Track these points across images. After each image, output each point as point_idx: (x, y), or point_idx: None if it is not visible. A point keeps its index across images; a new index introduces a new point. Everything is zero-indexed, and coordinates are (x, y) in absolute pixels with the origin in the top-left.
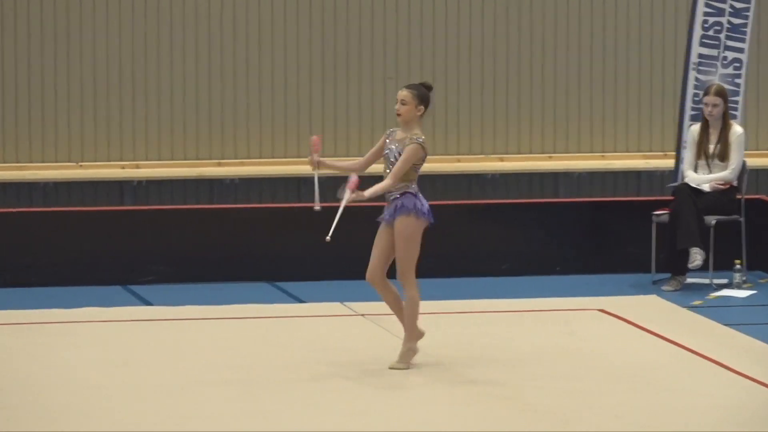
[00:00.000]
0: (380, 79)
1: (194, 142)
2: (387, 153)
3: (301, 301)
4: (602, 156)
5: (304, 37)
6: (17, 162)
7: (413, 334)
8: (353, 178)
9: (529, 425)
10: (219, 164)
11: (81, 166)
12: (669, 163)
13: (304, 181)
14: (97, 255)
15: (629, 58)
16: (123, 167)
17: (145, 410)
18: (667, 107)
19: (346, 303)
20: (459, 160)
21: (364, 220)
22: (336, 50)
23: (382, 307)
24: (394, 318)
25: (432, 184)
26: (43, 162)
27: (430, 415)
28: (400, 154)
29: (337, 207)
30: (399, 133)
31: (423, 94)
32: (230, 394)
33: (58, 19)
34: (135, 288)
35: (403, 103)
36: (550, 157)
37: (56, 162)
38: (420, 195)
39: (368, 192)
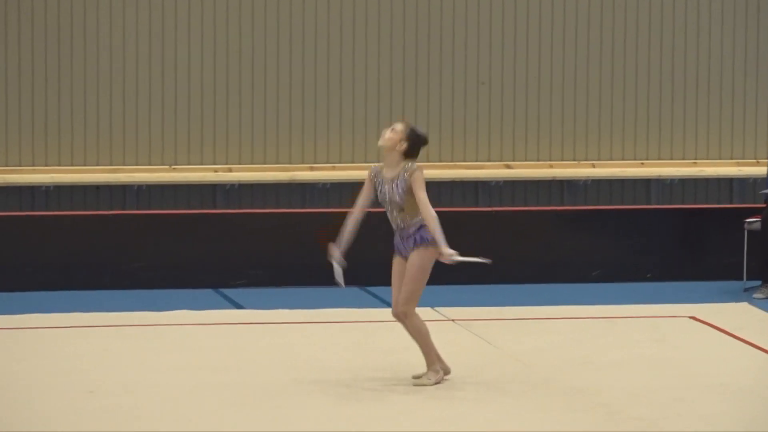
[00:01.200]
0: (474, 83)
1: (287, 145)
2: (385, 195)
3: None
4: (694, 163)
5: (397, 43)
6: (111, 165)
7: (432, 358)
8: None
9: None
10: (311, 168)
11: (174, 169)
12: (761, 170)
13: None
14: (189, 258)
15: (723, 66)
16: (216, 170)
17: (240, 414)
18: (760, 115)
19: (437, 308)
20: (551, 166)
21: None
22: (429, 55)
23: (473, 312)
24: (486, 323)
25: (524, 189)
26: (136, 165)
27: (525, 422)
28: (402, 191)
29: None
30: (387, 172)
31: (414, 135)
32: (322, 398)
33: (153, 23)
34: (227, 291)
35: (393, 131)
36: (643, 163)
37: (150, 165)
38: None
39: (444, 248)
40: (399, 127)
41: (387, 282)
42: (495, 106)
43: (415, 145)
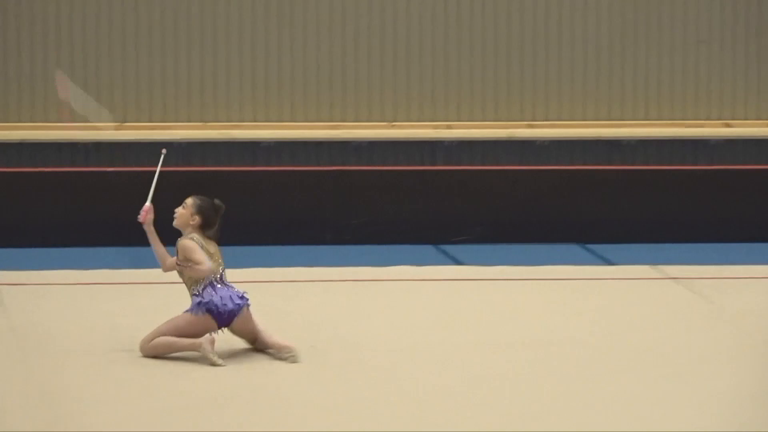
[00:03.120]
0: (693, 43)
1: (505, 102)
2: None
3: (610, 263)
4: None
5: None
6: (332, 121)
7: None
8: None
9: None
10: (529, 126)
11: (394, 125)
12: None
13: (617, 145)
14: (410, 214)
15: None
16: (435, 127)
17: (463, 370)
18: None
19: (657, 265)
20: None
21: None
22: (648, 14)
23: (695, 270)
24: (708, 282)
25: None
26: (356, 121)
27: None
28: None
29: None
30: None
31: (205, 207)
32: (531, 356)
33: None
34: (447, 247)
35: (183, 206)
36: None
37: (369, 122)
38: (205, 293)
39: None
40: (188, 201)
41: (603, 239)
42: (714, 66)
43: (208, 220)
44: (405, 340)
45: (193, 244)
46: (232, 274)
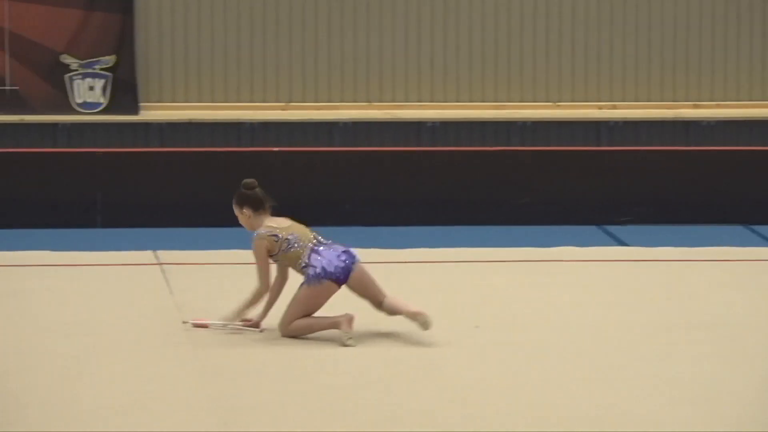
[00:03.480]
0: None
1: (671, 83)
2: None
3: None
4: None
5: None
6: (496, 101)
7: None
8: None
9: None
10: (695, 106)
11: (558, 105)
12: None
13: None
14: (574, 194)
15: None
16: (600, 107)
17: (623, 349)
18: None
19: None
20: None
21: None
22: None
23: None
24: None
25: None
26: (521, 101)
27: None
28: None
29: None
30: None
31: (242, 198)
32: (697, 337)
33: None
34: (611, 228)
35: (237, 215)
36: None
37: (534, 101)
38: (324, 256)
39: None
40: (234, 208)
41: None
42: None
43: (252, 202)
44: (572, 320)
45: (258, 248)
46: (397, 255)
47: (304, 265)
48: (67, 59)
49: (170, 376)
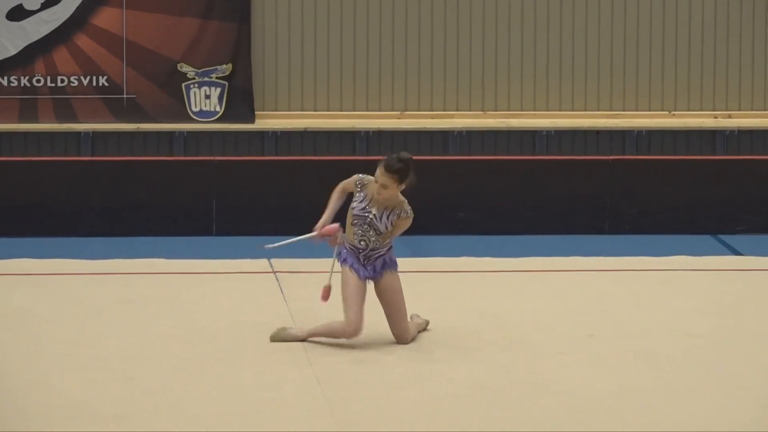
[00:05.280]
0: None
1: None
2: (365, 215)
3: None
4: None
5: None
6: (611, 110)
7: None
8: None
9: None
10: None
11: (673, 115)
12: None
13: None
14: (687, 203)
15: None
16: (715, 116)
17: (739, 359)
18: None
19: None
20: None
21: None
22: None
23: None
24: None
25: None
26: (636, 110)
27: None
28: (390, 222)
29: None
30: (381, 198)
31: (405, 173)
32: None
33: None
34: (725, 237)
35: (384, 187)
36: None
37: (649, 110)
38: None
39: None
40: (387, 181)
41: None
42: None
43: (407, 177)
44: (687, 328)
45: (406, 223)
46: (510, 264)
47: (390, 247)
48: (183, 68)
49: (288, 382)
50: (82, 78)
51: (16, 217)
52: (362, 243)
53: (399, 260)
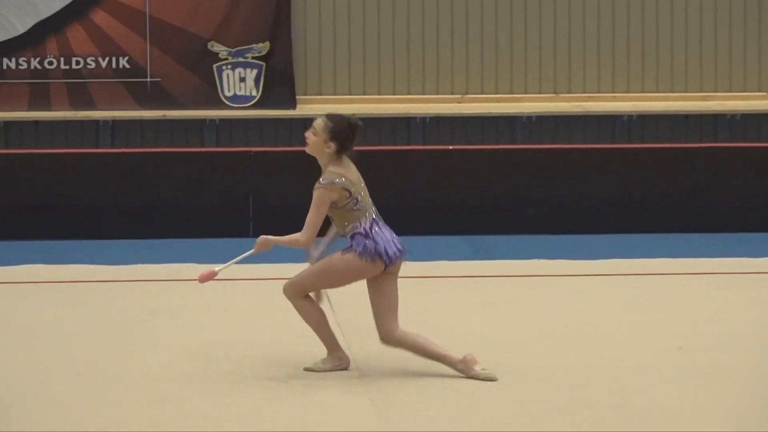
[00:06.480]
0: None
1: None
2: None
3: None
4: None
5: None
6: (701, 92)
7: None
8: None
9: None
10: None
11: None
12: None
13: None
14: None
15: None
16: None
17: None
18: None
19: None
20: None
21: None
22: None
23: None
24: None
25: None
26: (729, 91)
27: None
28: None
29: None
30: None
31: (339, 129)
32: None
33: None
34: None
35: (313, 132)
36: None
37: (744, 92)
38: (379, 232)
39: (272, 240)
40: (318, 125)
41: None
42: None
43: (342, 141)
44: None
45: (323, 198)
46: (587, 267)
47: (361, 232)
48: (215, 47)
49: (336, 403)
50: (99, 59)
51: (27, 218)
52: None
53: (459, 262)
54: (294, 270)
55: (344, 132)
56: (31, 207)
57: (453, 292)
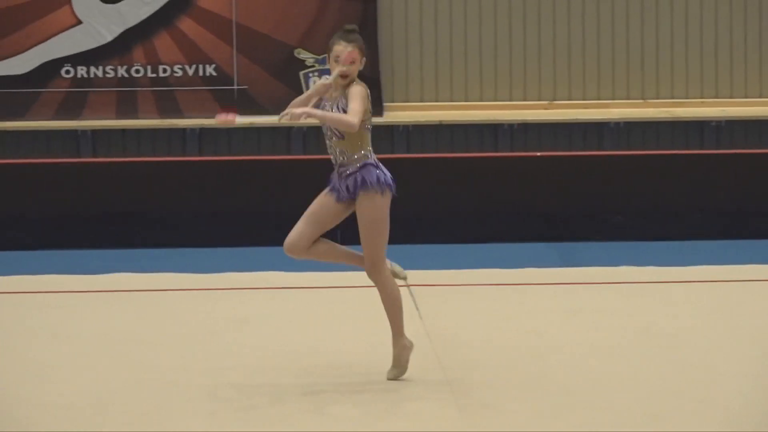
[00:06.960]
0: None
1: None
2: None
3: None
4: None
5: None
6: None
7: (400, 329)
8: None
9: None
10: None
11: None
12: None
13: None
14: None
15: None
16: None
17: None
18: None
19: None
20: None
21: None
22: None
23: None
24: None
25: None
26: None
27: None
28: (344, 110)
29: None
30: (331, 92)
31: (361, 40)
32: None
33: None
34: None
35: (353, 62)
36: None
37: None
38: (380, 164)
39: (318, 114)
40: (355, 54)
41: None
42: None
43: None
44: None
45: (362, 91)
46: (679, 274)
47: (372, 162)
48: (301, 54)
49: (425, 413)
50: (186, 67)
51: (114, 226)
52: (333, 156)
53: (547, 269)
54: None
55: (360, 36)
56: (118, 215)
57: (542, 300)
